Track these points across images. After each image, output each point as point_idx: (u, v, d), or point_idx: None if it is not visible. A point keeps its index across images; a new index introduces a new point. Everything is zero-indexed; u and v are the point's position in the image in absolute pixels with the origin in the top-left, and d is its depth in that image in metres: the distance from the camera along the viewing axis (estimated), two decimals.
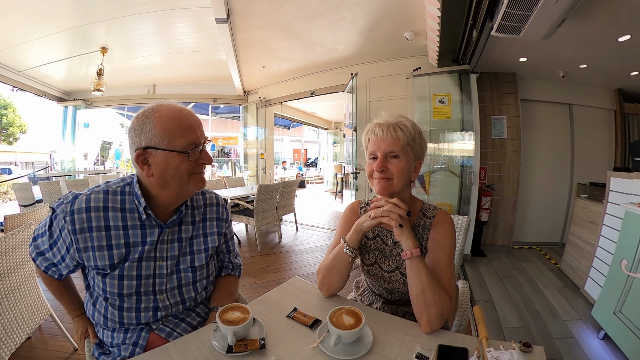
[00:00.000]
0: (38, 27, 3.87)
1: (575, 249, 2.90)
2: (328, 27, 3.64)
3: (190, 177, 0.88)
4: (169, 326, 0.94)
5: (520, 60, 3.44)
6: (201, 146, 0.88)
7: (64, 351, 1.82)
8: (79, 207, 0.83)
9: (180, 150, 0.83)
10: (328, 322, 0.78)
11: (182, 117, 0.85)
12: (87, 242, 0.83)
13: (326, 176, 11.55)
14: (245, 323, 0.78)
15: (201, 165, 0.90)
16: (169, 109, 0.85)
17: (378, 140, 0.97)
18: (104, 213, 0.85)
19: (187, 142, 0.84)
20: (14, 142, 14.66)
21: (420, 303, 0.86)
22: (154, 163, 0.83)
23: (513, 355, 0.69)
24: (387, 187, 0.97)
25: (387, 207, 0.90)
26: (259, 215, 3.70)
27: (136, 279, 0.88)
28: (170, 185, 0.86)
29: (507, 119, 3.80)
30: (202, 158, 0.89)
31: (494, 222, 3.84)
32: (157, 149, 0.82)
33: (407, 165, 0.97)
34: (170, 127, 0.82)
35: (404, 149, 0.95)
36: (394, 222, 0.89)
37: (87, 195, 0.85)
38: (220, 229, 1.07)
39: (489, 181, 3.78)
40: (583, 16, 2.31)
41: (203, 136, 0.89)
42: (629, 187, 2.17)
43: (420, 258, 0.89)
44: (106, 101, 6.52)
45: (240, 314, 0.82)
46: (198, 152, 0.87)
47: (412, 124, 0.98)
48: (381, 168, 0.96)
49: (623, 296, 1.86)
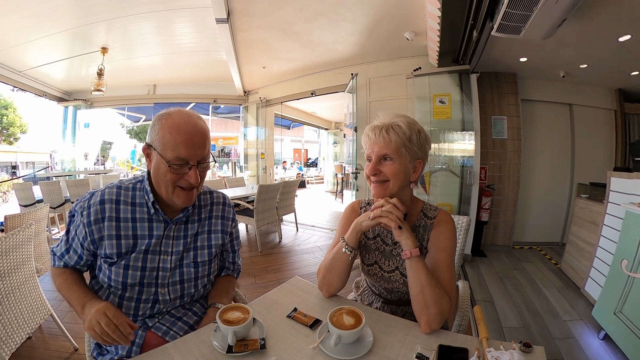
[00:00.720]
0: (38, 27, 3.87)
1: (576, 249, 2.89)
2: (328, 27, 3.64)
3: (175, 189, 0.89)
4: (166, 325, 0.95)
5: (520, 60, 3.44)
6: (189, 164, 0.88)
7: (65, 351, 1.83)
8: (95, 201, 0.90)
9: (166, 160, 0.86)
10: (328, 322, 0.78)
11: (183, 131, 0.86)
12: (101, 232, 0.89)
13: (326, 176, 11.54)
14: (246, 323, 0.78)
15: (186, 182, 0.89)
16: (178, 119, 0.87)
17: (371, 144, 0.97)
18: (116, 205, 0.91)
19: (174, 156, 0.85)
20: (15, 142, 14.67)
21: (419, 303, 0.87)
22: (153, 160, 0.90)
23: (513, 355, 0.69)
24: (382, 191, 0.97)
25: (387, 207, 0.90)
26: (259, 215, 3.70)
27: (141, 270, 0.92)
28: (161, 187, 0.91)
29: (507, 119, 3.80)
30: (188, 175, 0.88)
31: (495, 222, 3.84)
32: (155, 149, 0.88)
33: (403, 166, 0.96)
34: (167, 137, 0.85)
35: (397, 150, 0.94)
36: (393, 223, 0.89)
37: (102, 190, 0.93)
38: (225, 227, 1.09)
39: (489, 181, 3.78)
40: (583, 16, 2.31)
41: (198, 156, 0.89)
42: (629, 187, 2.17)
43: (419, 258, 0.89)
44: (106, 101, 6.52)
45: (240, 314, 0.82)
46: (186, 169, 0.88)
47: (407, 124, 0.95)
48: (373, 172, 0.96)
49: (623, 296, 1.86)
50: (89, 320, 0.78)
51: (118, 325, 0.76)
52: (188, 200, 0.92)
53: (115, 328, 0.75)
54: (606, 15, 2.32)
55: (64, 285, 0.92)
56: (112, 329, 0.75)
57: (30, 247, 1.63)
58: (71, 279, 0.94)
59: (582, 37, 2.72)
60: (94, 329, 0.76)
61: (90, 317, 0.78)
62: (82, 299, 0.87)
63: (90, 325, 0.77)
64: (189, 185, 0.90)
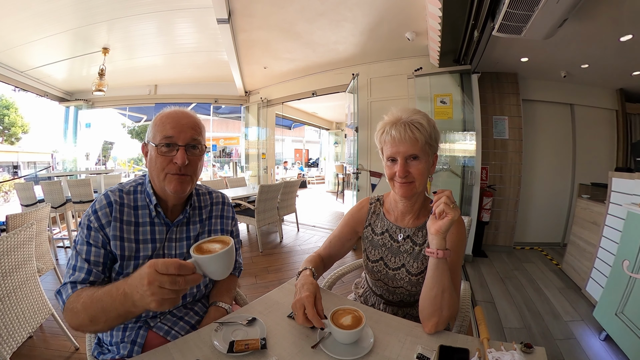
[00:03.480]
0: (40, 27, 3.88)
1: (577, 250, 2.89)
2: (329, 27, 3.64)
3: (166, 176, 0.90)
4: (167, 324, 0.95)
5: (521, 60, 3.43)
6: (177, 145, 0.88)
7: (65, 350, 1.83)
8: (101, 205, 0.89)
9: (155, 145, 0.89)
10: (329, 321, 0.78)
11: (170, 114, 0.90)
12: (115, 231, 0.88)
13: (327, 176, 11.55)
14: (215, 254, 0.66)
15: (175, 166, 0.88)
16: (170, 110, 0.93)
17: (396, 144, 0.94)
18: (120, 207, 0.91)
19: (162, 136, 0.88)
20: (16, 142, 14.72)
21: (435, 304, 0.85)
22: (148, 155, 0.93)
23: (514, 356, 0.69)
24: (409, 190, 0.97)
25: (446, 198, 0.83)
26: (260, 215, 3.71)
27: None
28: (154, 178, 0.92)
29: (508, 119, 3.79)
30: (175, 157, 0.88)
31: (496, 223, 3.83)
32: (149, 143, 0.92)
33: (427, 164, 0.96)
34: (157, 121, 0.91)
35: (422, 148, 0.94)
36: (457, 210, 0.82)
37: (105, 194, 0.92)
38: (224, 226, 1.10)
39: (490, 181, 3.78)
40: (585, 16, 2.31)
41: (186, 137, 0.89)
42: (630, 187, 2.16)
43: (445, 260, 0.86)
44: (108, 101, 6.53)
45: (219, 246, 0.70)
46: (174, 151, 0.88)
47: (427, 120, 0.95)
48: (404, 174, 0.94)
49: (625, 297, 1.86)
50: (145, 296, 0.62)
51: (179, 270, 0.61)
52: (179, 186, 0.89)
53: (177, 276, 0.61)
54: (607, 15, 2.32)
55: (88, 300, 0.74)
56: (174, 281, 0.61)
57: (31, 246, 1.64)
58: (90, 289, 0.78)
59: (584, 37, 2.72)
60: (162, 298, 0.61)
61: (143, 290, 0.62)
62: (116, 288, 0.69)
63: (152, 297, 0.61)
64: (177, 168, 0.89)
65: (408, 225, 1.07)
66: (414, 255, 1.04)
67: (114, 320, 0.72)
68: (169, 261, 0.62)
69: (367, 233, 1.14)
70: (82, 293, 0.77)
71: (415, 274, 1.04)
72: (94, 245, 0.86)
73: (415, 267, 1.04)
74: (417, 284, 1.04)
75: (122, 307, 0.68)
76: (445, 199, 0.82)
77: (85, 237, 0.86)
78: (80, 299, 0.75)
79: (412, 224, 1.07)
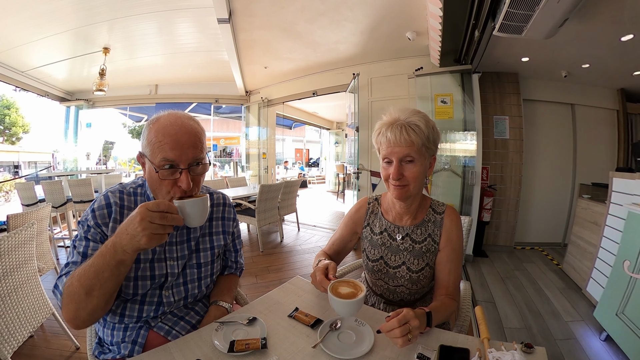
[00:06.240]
0: (41, 27, 3.89)
1: (578, 250, 2.88)
2: (330, 27, 3.64)
3: (172, 199, 0.82)
4: (168, 324, 0.95)
5: (522, 60, 3.43)
6: (179, 169, 0.81)
7: (66, 349, 1.84)
8: (100, 205, 0.87)
9: (155, 166, 0.81)
10: (329, 292, 0.80)
11: (168, 132, 0.81)
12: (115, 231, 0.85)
13: (328, 176, 11.54)
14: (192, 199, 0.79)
15: (180, 189, 0.82)
16: (164, 120, 0.83)
17: (391, 145, 0.94)
18: (120, 210, 0.89)
19: (161, 157, 0.80)
20: (17, 142, 14.75)
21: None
22: (146, 168, 0.87)
23: (515, 356, 0.69)
24: (404, 193, 0.98)
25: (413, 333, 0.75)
26: (260, 215, 3.71)
27: (150, 278, 0.91)
28: (157, 196, 0.88)
29: (509, 119, 3.79)
30: (179, 180, 0.82)
31: (496, 223, 3.83)
32: (146, 157, 0.85)
33: (423, 167, 0.96)
34: (154, 140, 0.81)
35: (419, 150, 0.93)
36: (415, 333, 0.75)
37: (105, 194, 0.90)
38: (226, 227, 1.09)
39: (491, 181, 3.77)
40: (585, 16, 2.30)
41: (188, 158, 0.82)
42: (631, 187, 2.16)
43: (435, 316, 0.84)
44: (108, 101, 6.54)
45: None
46: (176, 174, 0.81)
47: (425, 122, 0.94)
48: (398, 176, 0.94)
49: (625, 297, 1.85)
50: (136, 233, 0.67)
51: (167, 209, 0.70)
52: None
53: (166, 213, 0.69)
54: (608, 15, 2.31)
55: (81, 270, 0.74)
56: (164, 216, 0.69)
57: (32, 246, 1.64)
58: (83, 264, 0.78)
59: (584, 37, 2.71)
60: (152, 232, 0.67)
61: (134, 227, 0.67)
62: (104, 245, 0.72)
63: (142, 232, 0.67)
64: (182, 193, 0.83)
65: (406, 225, 1.08)
66: (414, 253, 1.05)
67: (108, 282, 0.72)
68: (159, 201, 0.71)
69: (366, 233, 1.15)
70: (76, 271, 0.77)
71: (416, 271, 1.05)
72: (92, 240, 0.84)
73: (416, 264, 1.04)
74: (418, 281, 1.05)
75: (112, 260, 0.71)
76: (399, 332, 0.72)
77: (83, 233, 0.86)
78: (74, 274, 0.76)
79: (410, 223, 1.08)
